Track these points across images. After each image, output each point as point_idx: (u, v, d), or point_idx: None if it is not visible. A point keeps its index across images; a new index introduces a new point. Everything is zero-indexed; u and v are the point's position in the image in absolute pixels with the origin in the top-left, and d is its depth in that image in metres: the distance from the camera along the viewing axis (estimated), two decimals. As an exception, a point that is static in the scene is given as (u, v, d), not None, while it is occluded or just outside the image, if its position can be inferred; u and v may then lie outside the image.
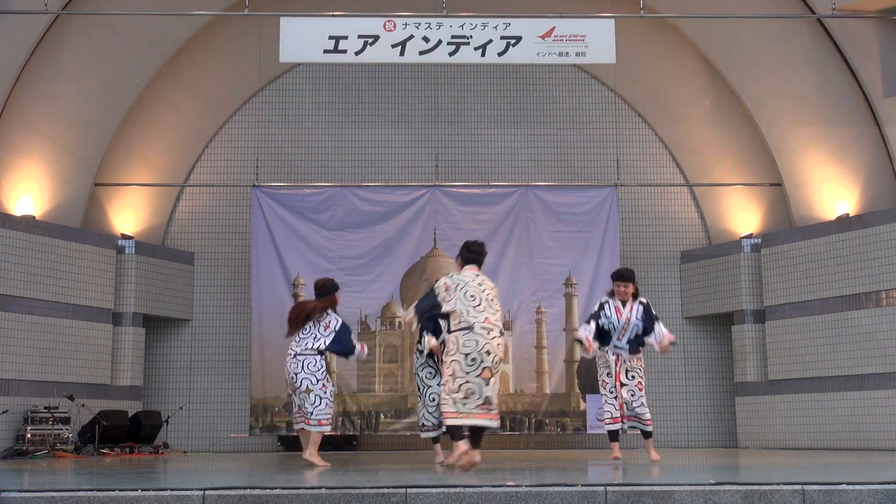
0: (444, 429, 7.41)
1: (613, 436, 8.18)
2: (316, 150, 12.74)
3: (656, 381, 12.33)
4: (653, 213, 12.74)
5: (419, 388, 7.96)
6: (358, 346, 8.05)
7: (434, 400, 7.68)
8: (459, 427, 6.44)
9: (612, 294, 8.18)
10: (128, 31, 11.41)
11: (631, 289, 8.13)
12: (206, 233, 12.59)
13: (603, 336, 8.06)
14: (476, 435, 6.43)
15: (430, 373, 7.83)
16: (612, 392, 8.08)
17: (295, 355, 7.82)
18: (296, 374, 7.78)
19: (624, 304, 8.10)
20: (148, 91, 12.03)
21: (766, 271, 11.73)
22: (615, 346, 8.07)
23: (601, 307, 8.12)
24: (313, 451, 7.75)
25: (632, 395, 8.03)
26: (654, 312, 8.14)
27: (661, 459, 7.91)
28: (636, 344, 8.11)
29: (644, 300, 8.18)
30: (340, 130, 12.78)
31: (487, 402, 6.33)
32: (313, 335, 7.87)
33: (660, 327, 8.06)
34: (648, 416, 8.06)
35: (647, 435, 8.17)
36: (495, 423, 6.49)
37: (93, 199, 11.83)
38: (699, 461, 8.29)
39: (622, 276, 8.24)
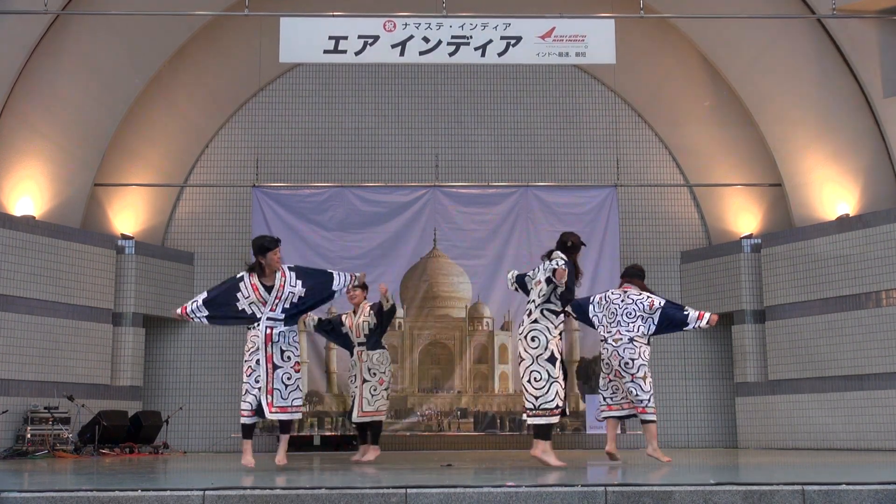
0: None
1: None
2: (316, 150, 12.74)
3: (656, 381, 12.32)
4: (653, 213, 12.74)
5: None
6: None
7: None
8: None
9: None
10: (128, 31, 11.41)
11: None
12: (206, 233, 12.59)
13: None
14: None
15: None
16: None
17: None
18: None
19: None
20: (148, 91, 12.04)
21: (766, 271, 11.74)
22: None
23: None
24: None
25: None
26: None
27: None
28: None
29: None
30: (340, 130, 12.79)
31: None
32: None
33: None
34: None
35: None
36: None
37: (93, 199, 11.83)
38: (699, 461, 8.29)
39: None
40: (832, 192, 11.54)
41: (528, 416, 7.02)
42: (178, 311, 7.25)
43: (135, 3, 10.98)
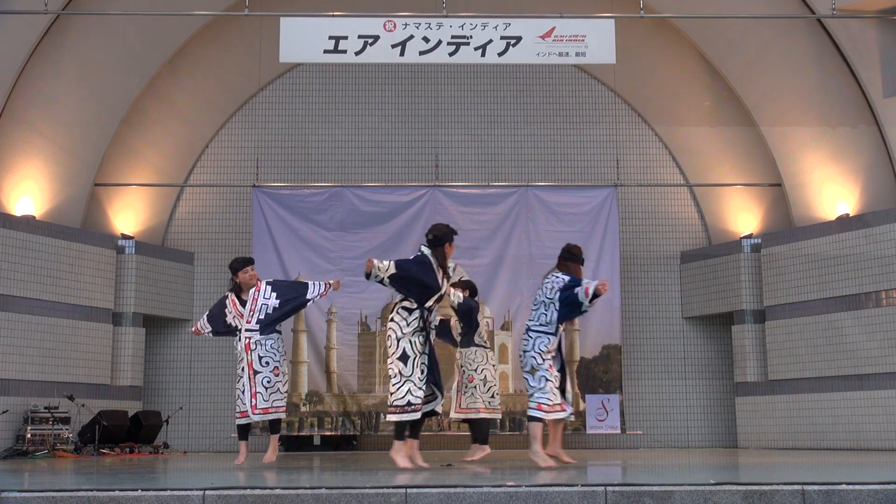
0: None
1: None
2: (316, 150, 12.74)
3: (656, 381, 12.35)
4: (653, 213, 12.74)
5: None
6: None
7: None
8: None
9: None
10: (128, 31, 11.42)
11: None
12: (206, 233, 12.59)
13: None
14: None
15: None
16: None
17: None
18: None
19: None
20: (148, 91, 12.04)
21: (766, 271, 11.74)
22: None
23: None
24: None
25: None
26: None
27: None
28: None
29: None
30: (340, 130, 12.79)
31: None
32: None
33: None
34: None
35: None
36: None
37: (93, 199, 11.83)
38: (699, 461, 8.29)
39: None
40: (832, 192, 11.54)
41: (389, 413, 6.79)
42: (192, 329, 8.27)
43: (135, 4, 10.97)
